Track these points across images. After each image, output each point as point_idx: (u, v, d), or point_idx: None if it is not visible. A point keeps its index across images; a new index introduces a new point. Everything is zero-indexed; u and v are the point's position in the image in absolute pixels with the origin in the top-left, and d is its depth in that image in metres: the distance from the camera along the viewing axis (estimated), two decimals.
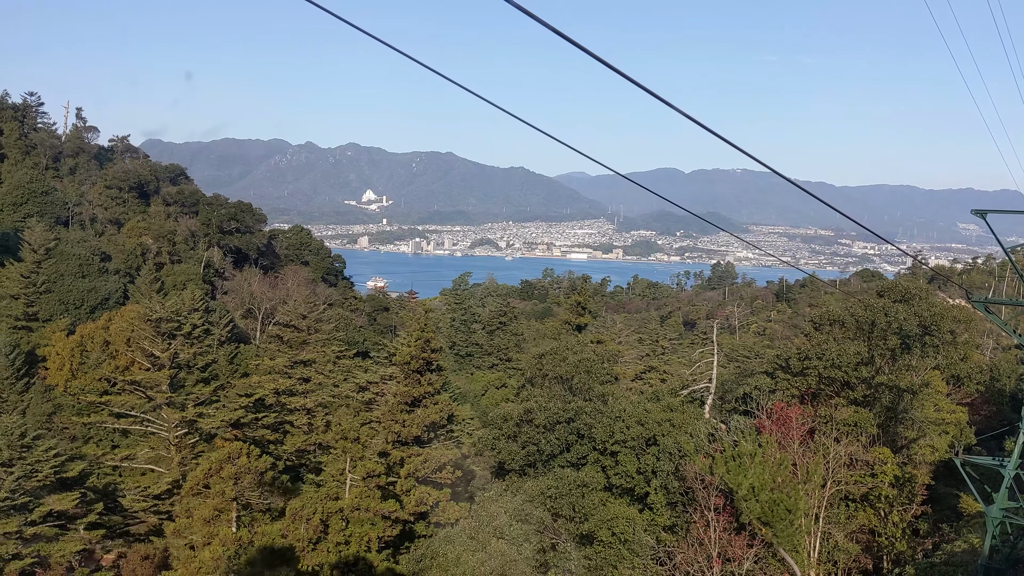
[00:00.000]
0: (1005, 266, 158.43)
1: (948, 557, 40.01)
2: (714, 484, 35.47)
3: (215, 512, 31.56)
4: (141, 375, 57.90)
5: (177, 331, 59.80)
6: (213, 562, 27.18)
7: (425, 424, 46.34)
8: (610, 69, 8.02)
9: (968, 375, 61.11)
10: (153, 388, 58.13)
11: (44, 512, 48.51)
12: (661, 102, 8.72)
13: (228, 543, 28.38)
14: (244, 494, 34.07)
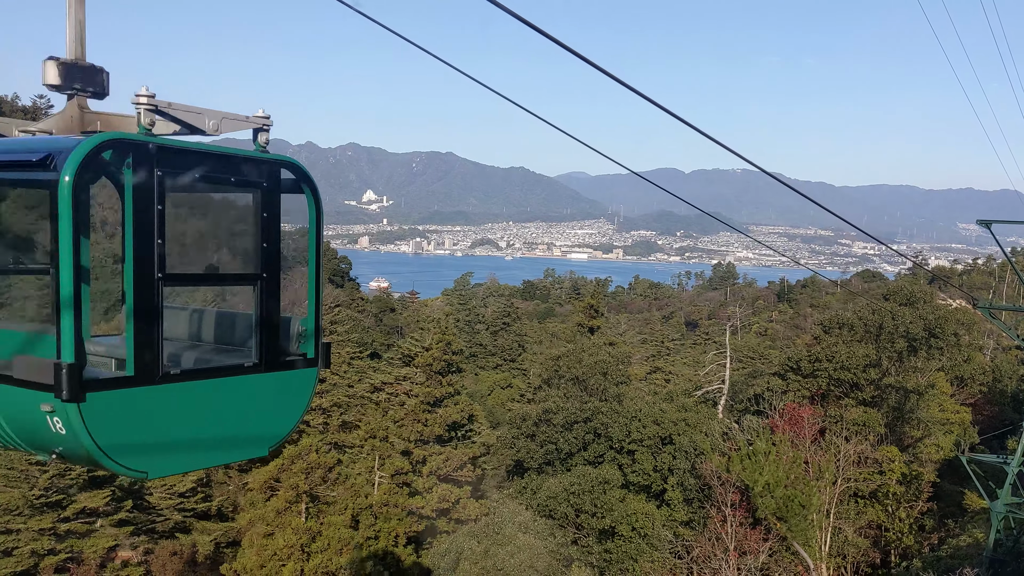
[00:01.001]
0: (1005, 267, 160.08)
1: (953, 551, 41.72)
2: (731, 481, 37.11)
3: (286, 504, 33.28)
4: None
5: None
6: (287, 549, 28.87)
7: (447, 423, 48.02)
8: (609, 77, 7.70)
9: (971, 376, 62.82)
10: None
11: (77, 509, 50.13)
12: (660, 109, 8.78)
13: (300, 532, 30.10)
14: (314, 488, 35.84)
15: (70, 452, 5.57)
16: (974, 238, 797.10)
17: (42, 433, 5.49)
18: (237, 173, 6.18)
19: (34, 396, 5.29)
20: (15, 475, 49.69)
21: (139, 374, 5.47)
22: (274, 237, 6.36)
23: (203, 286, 6.43)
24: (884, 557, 45.30)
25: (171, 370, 5.73)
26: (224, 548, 57.90)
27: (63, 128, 6.28)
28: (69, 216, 5.21)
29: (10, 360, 5.44)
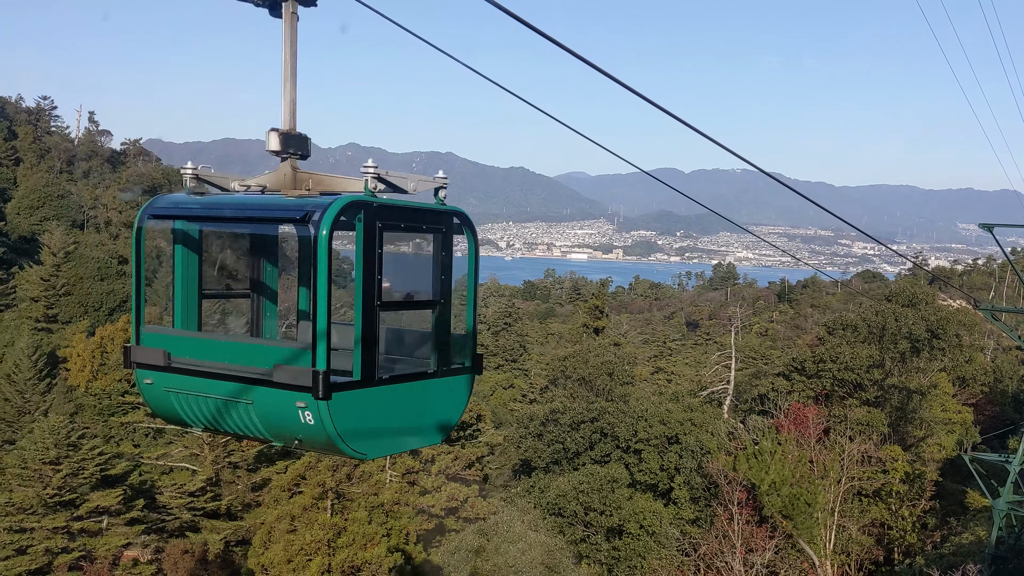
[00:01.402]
0: (1005, 267, 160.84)
1: (956, 548, 42.45)
2: (737, 480, 37.79)
3: (313, 500, 33.97)
4: None
5: None
6: (314, 544, 29.58)
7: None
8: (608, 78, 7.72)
9: (973, 377, 63.53)
10: None
11: (90, 508, 50.81)
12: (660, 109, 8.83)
13: (326, 527, 30.81)
14: (339, 484, 36.53)
15: (310, 438, 7.05)
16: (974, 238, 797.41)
17: (291, 425, 6.98)
18: (425, 221, 7.69)
19: (291, 396, 6.79)
20: (29, 474, 50.36)
21: (363, 379, 7.00)
22: (448, 270, 7.85)
23: (403, 311, 7.84)
24: (887, 555, 46.05)
25: (382, 375, 7.22)
26: (234, 547, 58.64)
27: (278, 183, 8.15)
28: (325, 261, 6.72)
29: (270, 369, 6.87)
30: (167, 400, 7.77)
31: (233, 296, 8.84)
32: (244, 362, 7.29)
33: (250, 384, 7.10)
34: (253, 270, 8.65)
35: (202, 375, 7.38)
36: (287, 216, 7.34)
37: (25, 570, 48.43)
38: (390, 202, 7.34)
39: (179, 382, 7.57)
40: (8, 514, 49.59)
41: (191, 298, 8.36)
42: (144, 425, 66.67)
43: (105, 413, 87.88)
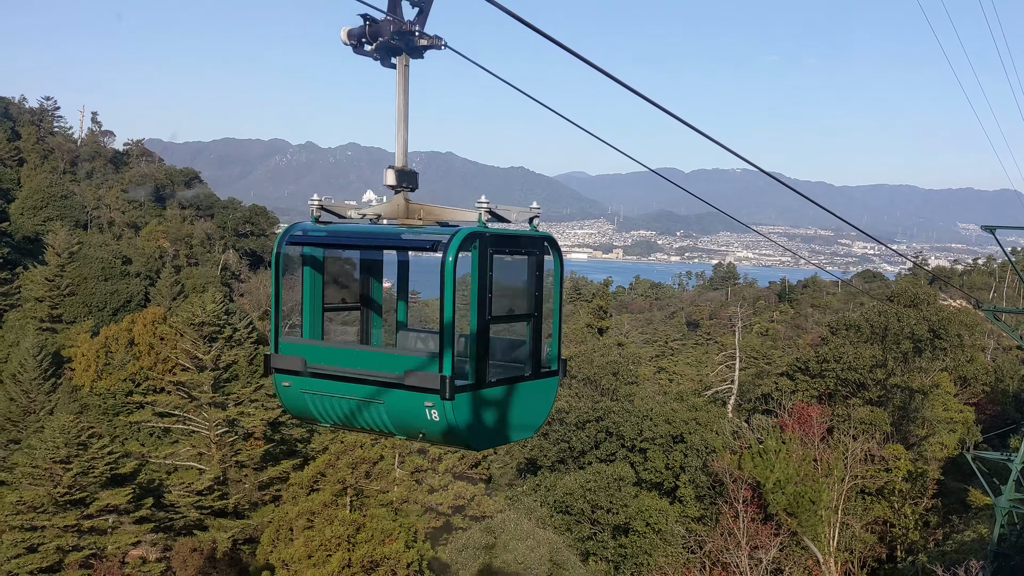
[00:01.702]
0: (1005, 267, 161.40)
1: (958, 546, 42.98)
2: (742, 478, 38.29)
3: (333, 497, 34.46)
4: (186, 376, 60.78)
5: (218, 334, 62.69)
6: (335, 540, 30.09)
7: None
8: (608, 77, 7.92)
9: (975, 376, 64.04)
10: (196, 388, 60.94)
11: (100, 506, 51.28)
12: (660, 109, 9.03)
13: (347, 523, 31.30)
14: (359, 481, 37.03)
15: (433, 433, 8.23)
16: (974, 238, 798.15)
17: (418, 421, 8.17)
18: (523, 246, 8.78)
19: (420, 397, 7.95)
20: (40, 473, 50.80)
21: (476, 382, 8.12)
22: (540, 287, 8.89)
23: (507, 323, 8.77)
24: (890, 552, 46.61)
25: (491, 379, 8.32)
26: (241, 545, 59.16)
27: (392, 213, 9.22)
28: (450, 283, 7.90)
29: (402, 374, 8.07)
30: (302, 400, 8.97)
31: (347, 309, 9.90)
32: (376, 368, 8.42)
33: (383, 387, 8.27)
34: (363, 287, 9.90)
35: (337, 379, 8.56)
36: (419, 245, 8.62)
37: (37, 568, 48.92)
38: (498, 231, 8.46)
39: (315, 385, 8.74)
40: (19, 512, 50.08)
41: (316, 312, 9.46)
42: (150, 424, 67.27)
43: (110, 413, 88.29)
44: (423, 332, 10.02)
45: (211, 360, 60.57)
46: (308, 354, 8.85)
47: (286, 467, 63.52)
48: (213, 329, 62.83)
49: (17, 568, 48.71)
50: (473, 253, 8.09)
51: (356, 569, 29.05)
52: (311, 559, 29.58)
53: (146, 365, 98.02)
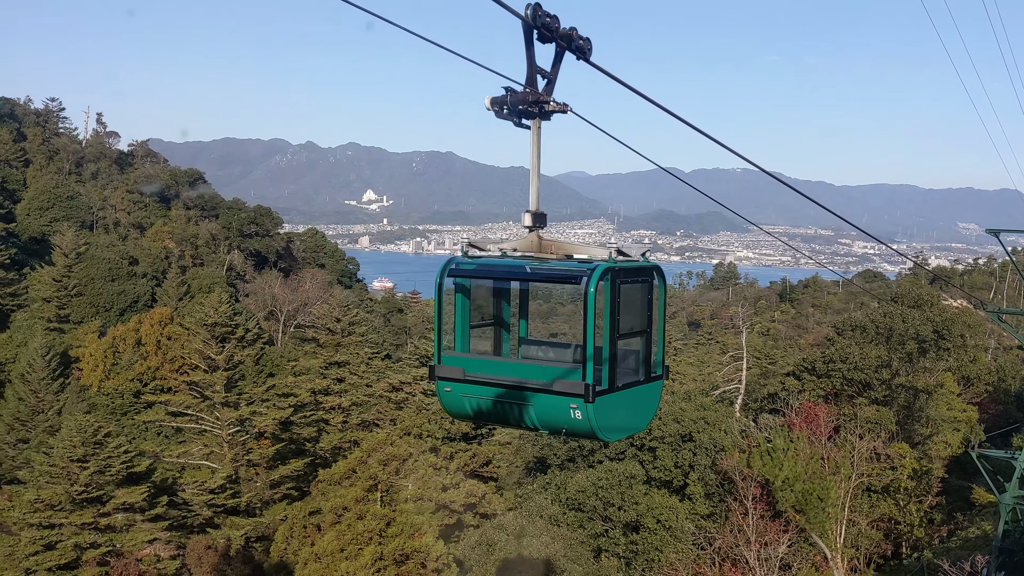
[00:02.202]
0: (1006, 267, 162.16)
1: (963, 542, 43.82)
2: (752, 476, 39.10)
3: (364, 492, 35.25)
4: (199, 376, 61.59)
5: (231, 335, 63.52)
6: (367, 534, 30.87)
7: None
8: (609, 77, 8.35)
9: (978, 376, 64.93)
10: (209, 388, 61.74)
11: (117, 504, 52.10)
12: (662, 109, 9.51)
13: (379, 517, 32.09)
14: (390, 477, 37.84)
15: (574, 429, 9.91)
16: (974, 237, 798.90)
17: (562, 419, 9.84)
18: (640, 275, 10.46)
19: (566, 400, 9.69)
20: (57, 472, 51.60)
21: (608, 387, 9.79)
22: (650, 307, 10.69)
23: (628, 339, 10.45)
24: (895, 549, 47.46)
25: (618, 384, 10.00)
26: (254, 543, 59.95)
27: (527, 248, 10.67)
28: (591, 309, 9.46)
29: (551, 382, 9.88)
30: (461, 402, 10.78)
31: (485, 326, 11.62)
32: (524, 376, 10.24)
33: (533, 391, 10.06)
34: (496, 307, 11.62)
35: (493, 385, 10.42)
36: (565, 278, 10.10)
37: (55, 564, 49.72)
38: (623, 264, 10.11)
39: (472, 390, 10.54)
40: (36, 510, 50.86)
41: (466, 329, 11.22)
42: (161, 424, 68.16)
43: (118, 412, 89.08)
44: (543, 344, 11.37)
45: (224, 360, 61.38)
46: (466, 365, 10.68)
47: (297, 466, 64.42)
48: (225, 330, 63.65)
49: (36, 565, 49.50)
50: (606, 284, 9.70)
51: (388, 562, 29.89)
52: (343, 552, 30.34)
53: (153, 365, 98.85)
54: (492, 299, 11.69)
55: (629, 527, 43.00)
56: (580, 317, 9.67)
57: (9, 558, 50.28)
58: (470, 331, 11.35)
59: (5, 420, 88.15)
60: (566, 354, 10.62)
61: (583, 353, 9.64)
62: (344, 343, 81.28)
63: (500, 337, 11.75)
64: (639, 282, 10.51)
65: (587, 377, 9.57)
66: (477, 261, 10.85)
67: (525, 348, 11.18)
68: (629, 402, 10.44)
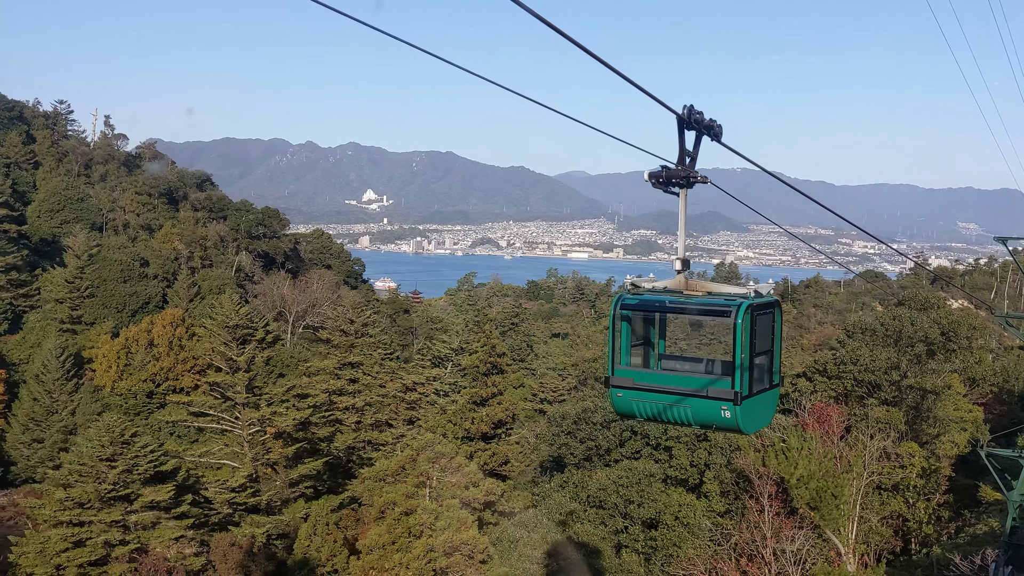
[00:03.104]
0: (1007, 267, 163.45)
1: (971, 538, 45.15)
2: (767, 474, 40.43)
3: (414, 488, 36.53)
4: (220, 377, 62.77)
5: (251, 336, 64.70)
6: (419, 527, 32.17)
7: (493, 422, 51.29)
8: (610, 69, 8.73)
9: (983, 377, 66.31)
10: (231, 389, 62.97)
11: (144, 502, 53.31)
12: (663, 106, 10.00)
13: (427, 511, 33.40)
14: (439, 475, 39.16)
15: (723, 425, 12.57)
16: (974, 237, 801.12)
17: (714, 418, 12.53)
18: (768, 308, 13.05)
19: (718, 403, 12.36)
20: (86, 471, 52.78)
21: (749, 393, 12.37)
22: (773, 331, 13.32)
23: (760, 356, 12.98)
24: (905, 545, 48.83)
25: (754, 390, 12.61)
26: (274, 540, 61.24)
27: (676, 287, 13.02)
28: (740, 335, 12.11)
29: (705, 389, 12.58)
30: (630, 405, 13.39)
31: (641, 345, 14.13)
32: (683, 385, 12.87)
33: (690, 396, 12.71)
34: (646, 331, 14.00)
35: (659, 392, 13.04)
36: (718, 312, 12.70)
37: (85, 561, 50.92)
38: (759, 300, 12.68)
39: (641, 395, 13.17)
40: (66, 508, 52.03)
41: (628, 348, 13.78)
42: (184, 423, 69.47)
43: (131, 412, 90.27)
44: (679, 358, 14.23)
45: (245, 361, 62.61)
46: (635, 376, 13.39)
47: (316, 465, 65.71)
48: (246, 331, 64.85)
49: (67, 561, 50.70)
50: (747, 315, 12.31)
51: (438, 554, 31.22)
52: (395, 544, 31.64)
53: (166, 366, 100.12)
54: (644, 325, 14.04)
55: (648, 524, 44.33)
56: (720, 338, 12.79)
57: (40, 555, 51.33)
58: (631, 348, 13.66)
59: (20, 420, 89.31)
60: (699, 367, 13.39)
61: (732, 367, 12.38)
62: (358, 344, 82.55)
63: (648, 353, 14.12)
64: (767, 313, 13.08)
65: (735, 386, 12.26)
66: (641, 297, 13.40)
67: (665, 362, 13.65)
68: (761, 403, 13.02)
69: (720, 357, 14.17)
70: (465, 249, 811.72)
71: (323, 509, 55.19)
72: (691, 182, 12.23)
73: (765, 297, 13.12)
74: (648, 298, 13.41)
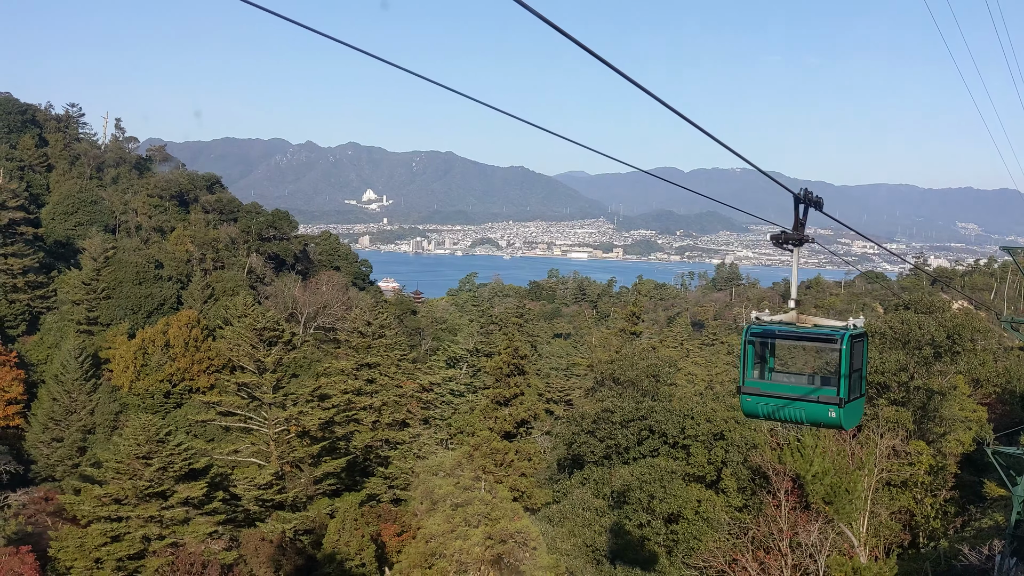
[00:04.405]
0: (1007, 267, 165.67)
1: (976, 532, 47.31)
2: (783, 471, 42.52)
3: (471, 481, 38.53)
4: (247, 377, 64.65)
5: (278, 338, 66.60)
6: (476, 516, 34.30)
7: (516, 421, 53.38)
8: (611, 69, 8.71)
9: (987, 378, 68.64)
10: (258, 389, 64.90)
11: (180, 499, 55.28)
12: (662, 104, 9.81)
13: (487, 503, 35.48)
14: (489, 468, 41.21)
15: (828, 423, 15.74)
16: (973, 237, 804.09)
17: (822, 417, 15.77)
18: (860, 336, 16.10)
19: (826, 406, 15.65)
20: (124, 468, 54.75)
21: (848, 398, 15.60)
22: (864, 353, 16.53)
23: (854, 372, 16.01)
24: (913, 539, 51.03)
25: (851, 397, 15.78)
26: (301, 535, 63.22)
27: (789, 320, 16.54)
28: (843, 356, 15.47)
29: (815, 392, 15.99)
30: (755, 407, 16.74)
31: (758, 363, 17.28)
32: (798, 392, 16.23)
33: (804, 401, 16.01)
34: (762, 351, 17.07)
35: (779, 397, 16.36)
36: (826, 339, 15.97)
37: (124, 555, 52.94)
38: (856, 331, 15.90)
39: (764, 400, 16.51)
40: (104, 504, 54.02)
41: (753, 363, 16.98)
42: (210, 422, 71.36)
43: (149, 412, 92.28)
44: (787, 373, 17.29)
45: (272, 362, 64.53)
46: (760, 386, 16.74)
47: (340, 463, 67.68)
48: (273, 334, 66.74)
49: (106, 555, 52.71)
50: (849, 342, 15.58)
51: (495, 541, 33.32)
52: (453, 533, 33.66)
53: (183, 366, 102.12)
54: (762, 347, 17.11)
55: (669, 518, 46.38)
56: (826, 359, 16.15)
57: (79, 549, 53.28)
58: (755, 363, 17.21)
59: (40, 420, 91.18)
60: (803, 379, 16.62)
61: (835, 379, 15.74)
62: (375, 345, 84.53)
63: (763, 369, 17.31)
64: (860, 340, 16.26)
65: (840, 393, 15.61)
66: (764, 327, 16.86)
67: (775, 375, 16.82)
68: (855, 407, 16.26)
69: (820, 372, 17.44)
70: (465, 249, 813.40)
71: (350, 505, 57.15)
72: (802, 242, 15.50)
73: (859, 329, 16.43)
74: (770, 327, 16.76)
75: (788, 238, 15.37)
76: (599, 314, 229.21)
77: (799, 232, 15.36)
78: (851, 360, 15.80)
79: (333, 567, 54.65)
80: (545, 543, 42.60)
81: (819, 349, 17.49)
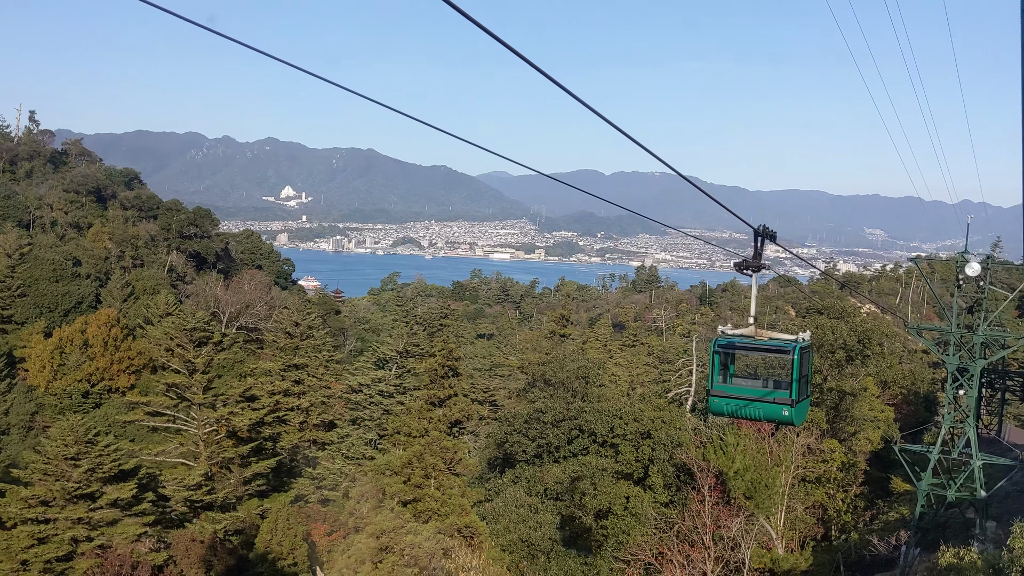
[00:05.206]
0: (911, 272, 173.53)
1: (884, 524, 50.47)
2: (707, 468, 44.72)
3: (421, 479, 39.30)
4: (178, 378, 64.30)
5: (208, 339, 66.33)
6: (427, 512, 35.14)
7: (450, 421, 54.55)
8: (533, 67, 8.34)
9: (894, 380, 72.76)
10: (188, 390, 64.59)
11: (108, 500, 54.77)
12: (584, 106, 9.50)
13: (435, 499, 36.35)
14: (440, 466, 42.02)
15: (782, 420, 18.87)
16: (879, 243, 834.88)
17: (776, 415, 18.81)
18: (808, 348, 18.83)
19: (780, 406, 18.72)
20: (51, 469, 54.02)
21: (798, 399, 18.66)
22: (810, 362, 19.41)
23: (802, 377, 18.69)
24: (826, 531, 54.10)
25: (800, 398, 18.73)
26: (231, 535, 63.19)
27: (749, 333, 19.17)
28: (795, 367, 18.42)
29: (772, 397, 19.11)
30: (721, 407, 19.33)
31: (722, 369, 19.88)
32: (758, 393, 19.06)
33: (761, 402, 18.72)
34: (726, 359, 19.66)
35: (741, 398, 19.04)
36: (780, 351, 18.46)
37: (52, 557, 52.27)
38: (804, 344, 18.50)
39: (729, 401, 19.13)
40: (31, 506, 53.23)
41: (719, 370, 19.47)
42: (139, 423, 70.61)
43: (67, 412, 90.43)
44: (744, 377, 19.65)
45: (203, 363, 64.31)
46: (725, 389, 19.30)
47: (270, 463, 67.78)
48: (203, 334, 66.47)
49: (33, 557, 51.97)
50: (798, 353, 18.15)
51: (451, 532, 34.43)
52: (404, 528, 34.56)
53: (102, 366, 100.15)
54: (725, 356, 19.55)
55: (599, 514, 48.17)
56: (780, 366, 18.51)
57: (5, 551, 52.43)
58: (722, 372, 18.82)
59: None
60: (758, 383, 18.99)
61: (787, 383, 18.67)
62: (302, 346, 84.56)
63: (726, 374, 19.77)
64: (807, 351, 18.90)
65: (792, 395, 18.35)
66: (729, 339, 19.38)
67: (735, 379, 19.07)
68: (803, 406, 18.95)
69: (774, 377, 20.02)
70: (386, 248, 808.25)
71: (281, 505, 57.49)
72: (759, 268, 17.97)
73: (807, 342, 19.18)
74: (733, 340, 19.23)
75: (748, 265, 17.66)
76: (522, 315, 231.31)
77: (757, 260, 17.66)
78: (801, 367, 18.31)
79: (265, 567, 54.93)
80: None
81: (774, 358, 19.60)
